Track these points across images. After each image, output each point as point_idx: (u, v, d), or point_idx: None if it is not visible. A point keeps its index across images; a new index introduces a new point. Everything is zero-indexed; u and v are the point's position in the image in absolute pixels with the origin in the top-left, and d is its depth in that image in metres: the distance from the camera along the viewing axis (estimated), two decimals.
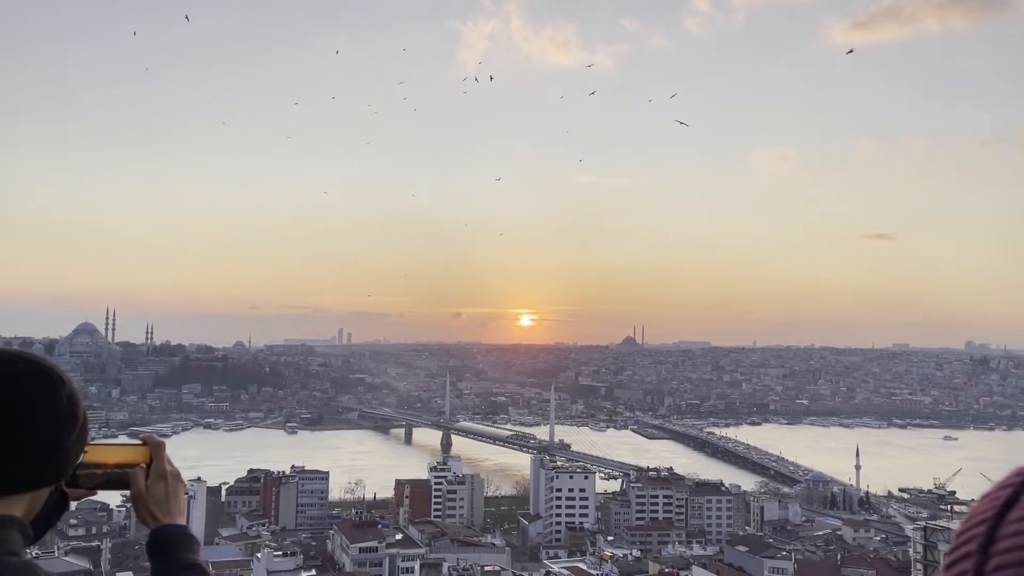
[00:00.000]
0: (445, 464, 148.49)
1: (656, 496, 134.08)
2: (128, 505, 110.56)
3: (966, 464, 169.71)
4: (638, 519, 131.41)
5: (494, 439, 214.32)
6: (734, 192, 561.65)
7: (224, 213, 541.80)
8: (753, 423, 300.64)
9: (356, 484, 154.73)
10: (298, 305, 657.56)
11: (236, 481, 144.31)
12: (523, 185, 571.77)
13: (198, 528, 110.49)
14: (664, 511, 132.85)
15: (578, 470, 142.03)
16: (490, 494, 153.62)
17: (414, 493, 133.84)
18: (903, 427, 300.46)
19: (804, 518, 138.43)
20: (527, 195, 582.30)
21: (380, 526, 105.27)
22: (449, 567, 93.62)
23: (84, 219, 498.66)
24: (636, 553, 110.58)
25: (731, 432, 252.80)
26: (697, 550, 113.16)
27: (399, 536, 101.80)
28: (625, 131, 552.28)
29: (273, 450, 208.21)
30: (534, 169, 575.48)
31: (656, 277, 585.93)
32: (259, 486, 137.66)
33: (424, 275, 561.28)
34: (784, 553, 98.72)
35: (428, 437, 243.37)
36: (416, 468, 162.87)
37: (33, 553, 74.53)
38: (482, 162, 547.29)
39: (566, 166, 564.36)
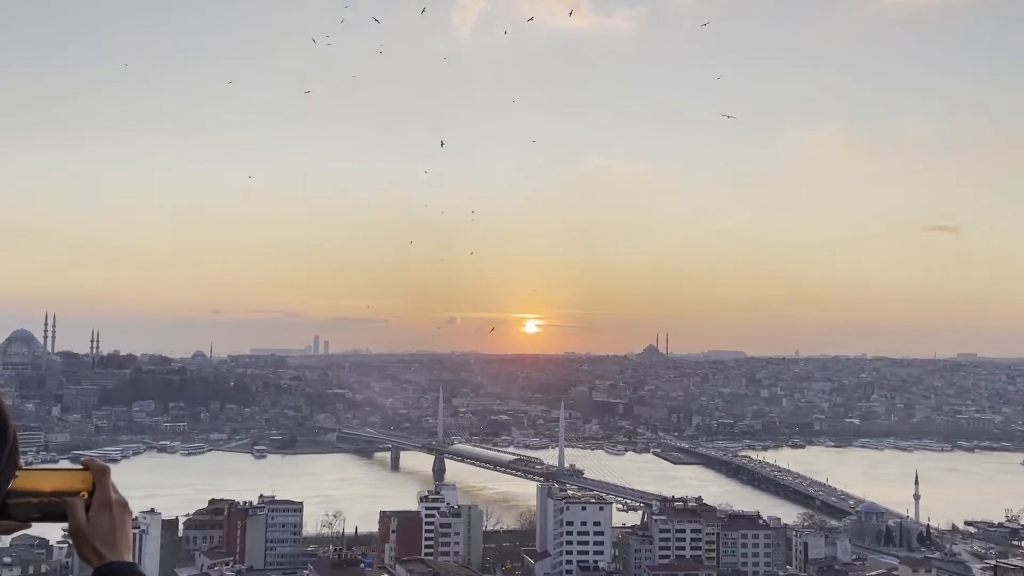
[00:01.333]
0: (438, 493, 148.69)
1: (683, 530, 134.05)
2: (70, 540, 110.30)
3: None
4: (662, 557, 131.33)
5: (495, 464, 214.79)
6: (771, 178, 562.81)
7: (181, 205, 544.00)
8: (795, 445, 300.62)
9: (335, 516, 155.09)
10: (267, 309, 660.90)
11: (196, 513, 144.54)
12: (527, 170, 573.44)
13: (151, 567, 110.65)
14: (692, 548, 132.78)
15: (592, 500, 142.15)
16: (490, 528, 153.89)
17: (402, 527, 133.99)
18: (970, 450, 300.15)
19: (855, 556, 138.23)
20: (532, 182, 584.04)
21: (363, 565, 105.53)
22: None
23: (19, 214, 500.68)
24: None
25: (770, 456, 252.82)
26: None
27: None
28: (645, 107, 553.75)
29: (238, 477, 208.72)
30: (539, 152, 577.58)
31: (682, 277, 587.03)
32: (222, 519, 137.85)
33: (413, 275, 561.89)
34: None
35: (418, 462, 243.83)
36: (404, 498, 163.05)
37: None
38: (479, 145, 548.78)
39: (576, 148, 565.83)
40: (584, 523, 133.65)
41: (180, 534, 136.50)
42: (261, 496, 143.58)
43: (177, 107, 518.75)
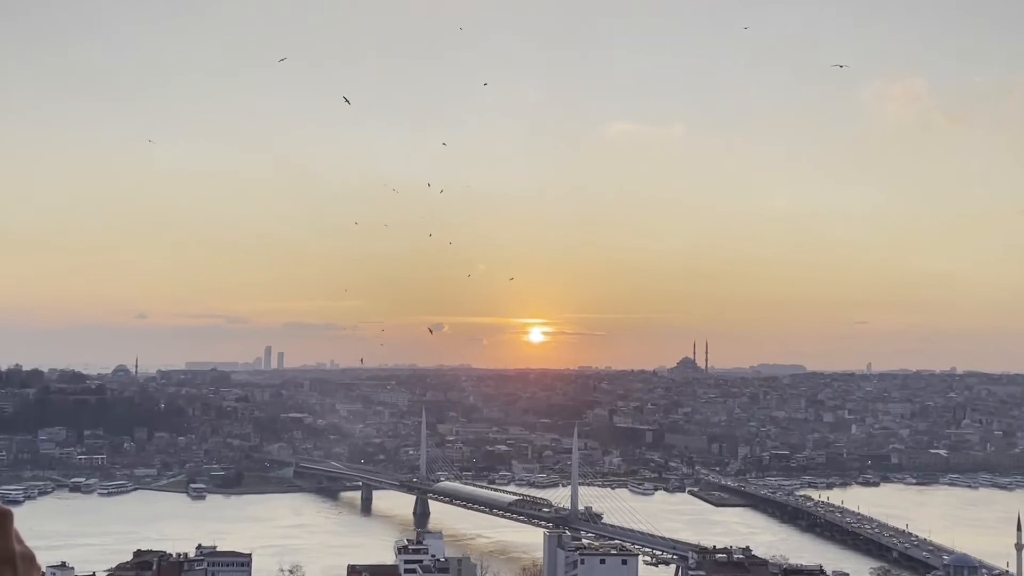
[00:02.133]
0: (420, 543, 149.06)
1: None
2: None
3: None
4: None
5: (491, 506, 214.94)
6: (840, 147, 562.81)
7: (98, 186, 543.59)
8: (867, 482, 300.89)
9: (291, 572, 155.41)
10: (205, 313, 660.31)
11: (118, 567, 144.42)
12: (531, 139, 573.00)
13: None
14: None
15: (613, 551, 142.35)
16: None
17: None
18: None
19: None
20: (538, 155, 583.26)
21: None
22: None
23: None
24: None
25: (835, 496, 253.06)
26: None
27: None
28: (680, 59, 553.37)
29: (171, 522, 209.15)
30: (547, 115, 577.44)
31: (726, 272, 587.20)
32: (151, 574, 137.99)
33: (389, 270, 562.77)
34: None
35: (395, 503, 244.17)
36: (378, 548, 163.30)
37: None
38: (471, 108, 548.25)
39: (594, 110, 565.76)
40: None
41: None
42: (199, 546, 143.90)
43: (71, 63, 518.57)
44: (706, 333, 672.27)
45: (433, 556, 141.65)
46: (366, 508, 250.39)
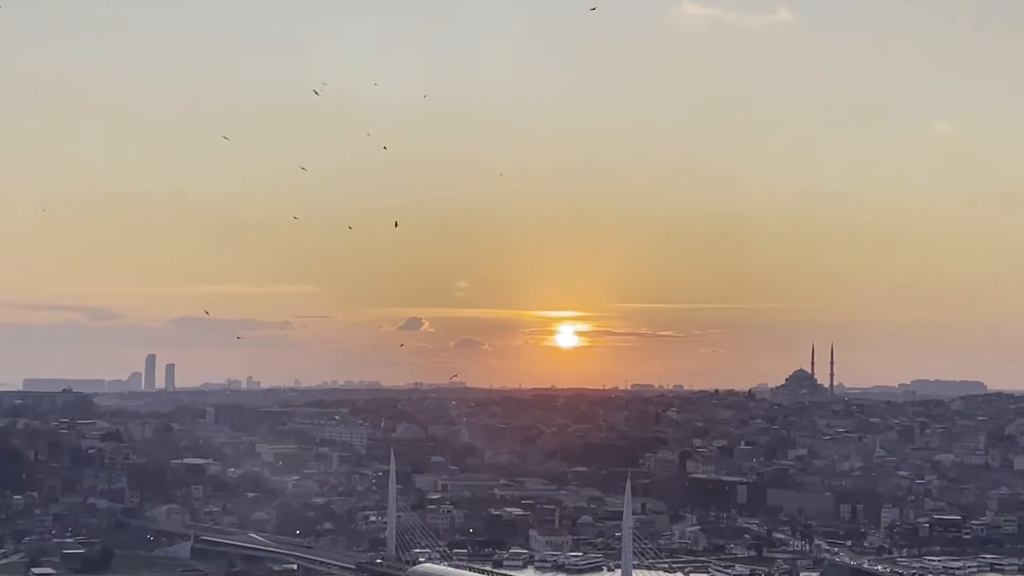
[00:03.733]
0: None
1: None
2: None
3: None
4: None
5: None
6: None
7: None
8: None
9: None
10: (54, 304, 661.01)
11: None
12: (566, 40, 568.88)
13: None
14: None
15: None
16: None
17: None
18: None
19: None
20: (568, 54, 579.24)
21: None
22: None
23: None
24: None
25: None
26: None
27: None
28: None
29: None
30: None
31: (859, 238, 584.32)
32: None
33: (343, 242, 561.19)
34: None
35: None
36: None
37: None
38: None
39: None
40: None
41: None
42: None
43: None
44: (831, 332, 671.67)
45: None
46: None
